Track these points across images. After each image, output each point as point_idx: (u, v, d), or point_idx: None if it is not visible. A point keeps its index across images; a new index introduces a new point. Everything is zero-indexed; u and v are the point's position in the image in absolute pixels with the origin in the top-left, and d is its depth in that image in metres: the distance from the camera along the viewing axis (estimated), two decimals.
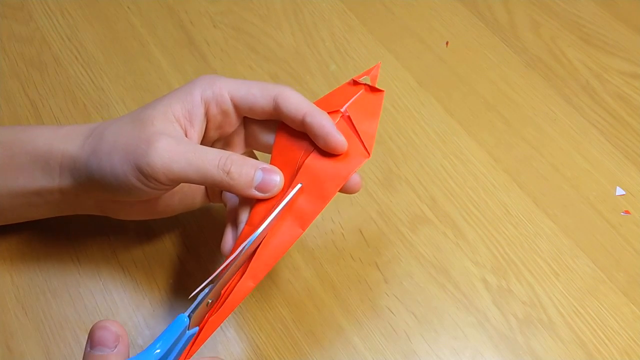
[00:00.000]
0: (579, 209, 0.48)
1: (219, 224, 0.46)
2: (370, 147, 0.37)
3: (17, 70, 0.55)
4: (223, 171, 0.34)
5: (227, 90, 0.37)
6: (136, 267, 0.44)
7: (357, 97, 0.38)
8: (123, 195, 0.36)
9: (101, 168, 0.36)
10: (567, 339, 0.42)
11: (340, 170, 0.36)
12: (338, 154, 0.36)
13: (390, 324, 0.42)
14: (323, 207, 0.36)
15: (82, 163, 0.37)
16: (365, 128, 0.37)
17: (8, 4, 0.59)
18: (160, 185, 0.35)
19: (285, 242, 0.35)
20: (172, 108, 0.36)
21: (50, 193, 0.39)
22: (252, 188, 0.35)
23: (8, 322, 0.41)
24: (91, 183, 0.37)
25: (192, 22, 0.59)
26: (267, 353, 0.41)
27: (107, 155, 0.35)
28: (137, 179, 0.34)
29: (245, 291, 0.35)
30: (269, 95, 0.37)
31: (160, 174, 0.34)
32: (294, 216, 0.36)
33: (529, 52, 0.58)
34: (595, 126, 0.53)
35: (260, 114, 0.38)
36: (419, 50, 0.58)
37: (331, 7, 0.61)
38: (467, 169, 0.50)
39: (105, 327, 0.31)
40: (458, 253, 0.46)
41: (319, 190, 0.36)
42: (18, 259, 0.44)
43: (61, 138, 0.38)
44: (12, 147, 0.39)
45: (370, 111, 0.38)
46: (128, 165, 0.34)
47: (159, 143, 0.34)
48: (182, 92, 0.37)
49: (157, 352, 0.31)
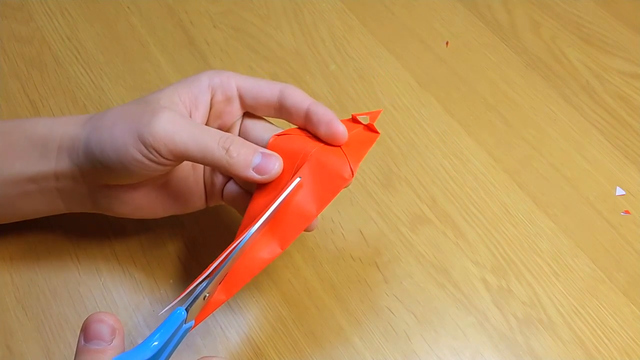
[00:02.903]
0: (579, 209, 0.48)
1: (219, 224, 0.46)
2: (354, 170, 0.36)
3: (17, 70, 0.55)
4: (223, 148, 0.35)
5: (235, 80, 0.38)
6: (136, 267, 0.44)
7: (354, 132, 0.38)
8: (120, 173, 0.36)
9: (101, 141, 0.36)
10: (567, 338, 0.42)
11: (326, 190, 0.36)
12: (338, 144, 0.37)
13: (390, 324, 0.42)
14: (304, 228, 0.36)
15: (81, 141, 0.37)
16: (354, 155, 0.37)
17: (8, 4, 0.59)
18: (161, 158, 0.35)
19: (264, 259, 0.35)
20: (179, 92, 0.37)
21: (45, 179, 0.38)
22: (250, 169, 0.35)
23: (8, 322, 0.41)
24: (88, 161, 0.37)
25: (192, 22, 0.59)
26: (267, 353, 0.41)
27: (108, 129, 0.36)
28: (137, 149, 0.34)
29: (216, 304, 0.35)
30: (275, 87, 0.38)
31: (162, 144, 0.34)
32: (276, 234, 0.36)
33: (529, 52, 0.58)
34: (595, 126, 0.53)
35: (263, 106, 0.38)
36: (419, 50, 0.58)
37: (331, 7, 0.61)
38: (467, 169, 0.50)
39: (101, 320, 0.30)
40: (458, 253, 0.46)
41: (300, 210, 0.36)
42: (18, 259, 0.44)
43: (62, 123, 0.39)
44: (12, 134, 0.39)
45: (362, 145, 0.38)
46: (130, 135, 0.34)
47: (164, 114, 0.35)
48: (189, 79, 0.38)
49: (154, 344, 0.30)
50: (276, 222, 0.36)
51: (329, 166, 0.36)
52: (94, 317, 0.30)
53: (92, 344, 0.30)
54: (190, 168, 0.40)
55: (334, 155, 0.36)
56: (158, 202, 0.40)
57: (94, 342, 0.30)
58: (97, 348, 0.29)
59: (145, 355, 0.30)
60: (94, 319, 0.30)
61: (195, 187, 0.41)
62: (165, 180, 0.39)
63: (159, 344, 0.31)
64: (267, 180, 0.36)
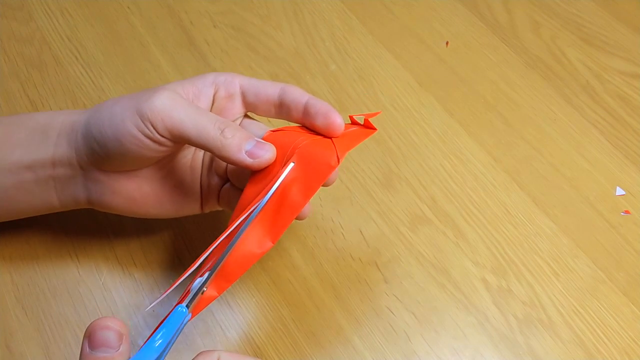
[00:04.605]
0: (579, 209, 0.48)
1: (219, 224, 0.46)
2: (341, 157, 0.36)
3: (17, 70, 0.55)
4: (219, 129, 0.35)
5: (239, 79, 0.39)
6: (136, 267, 0.44)
7: (350, 130, 0.38)
8: (116, 151, 0.36)
9: (100, 120, 0.36)
10: (567, 338, 0.42)
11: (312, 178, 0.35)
12: (334, 135, 0.37)
13: (390, 324, 0.42)
14: (293, 218, 0.35)
15: (81, 123, 0.38)
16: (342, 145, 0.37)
17: (8, 4, 0.59)
18: (156, 134, 0.35)
19: (255, 254, 0.35)
20: (183, 85, 0.38)
21: (42, 166, 0.39)
22: (242, 151, 0.35)
23: (8, 322, 0.41)
24: (85, 142, 0.37)
25: (192, 22, 0.59)
26: (267, 353, 0.41)
27: (108, 108, 0.37)
28: (134, 124, 0.35)
29: (208, 300, 0.35)
30: (277, 86, 0.39)
31: (159, 119, 0.35)
32: (265, 227, 0.35)
33: (529, 52, 0.58)
34: (595, 126, 0.53)
35: (264, 104, 0.39)
36: (419, 50, 0.58)
37: (331, 7, 0.61)
38: (467, 169, 0.50)
39: (107, 327, 0.29)
40: (458, 253, 0.46)
41: (288, 201, 0.35)
42: (18, 258, 0.44)
43: (64, 112, 0.40)
44: (13, 125, 0.40)
45: (354, 138, 0.38)
46: (129, 111, 0.35)
47: (165, 92, 0.36)
48: (195, 77, 0.39)
49: (158, 343, 0.30)
50: (264, 215, 0.35)
51: (316, 155, 0.36)
52: (100, 324, 0.29)
53: (100, 352, 0.29)
54: (188, 167, 0.40)
55: (322, 146, 0.36)
56: (151, 197, 0.40)
57: (101, 349, 0.29)
58: (105, 356, 0.29)
59: (151, 357, 0.30)
60: (100, 325, 0.29)
61: (191, 187, 0.41)
62: (161, 175, 0.39)
63: (162, 343, 0.30)
64: (258, 165, 0.36)
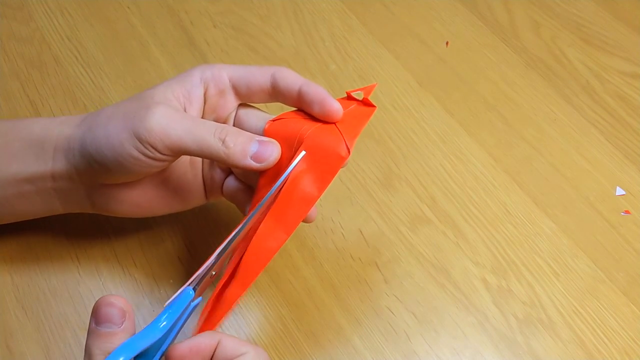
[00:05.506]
0: (579, 209, 0.48)
1: (219, 224, 0.46)
2: (351, 147, 0.36)
3: (17, 70, 0.55)
4: (219, 139, 0.35)
5: (226, 71, 0.38)
6: (136, 267, 0.44)
7: (350, 109, 0.38)
8: (117, 171, 0.36)
9: (96, 140, 0.36)
10: (567, 338, 0.42)
11: (324, 170, 0.36)
12: (333, 121, 0.36)
13: (390, 324, 0.42)
14: (308, 210, 0.35)
15: (76, 140, 0.37)
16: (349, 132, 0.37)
17: (8, 4, 0.59)
18: (157, 153, 0.35)
19: (271, 248, 0.35)
20: (172, 88, 0.37)
21: (42, 179, 0.38)
22: (248, 157, 0.35)
23: (8, 322, 0.41)
24: (84, 160, 0.37)
25: (192, 22, 0.59)
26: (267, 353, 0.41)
27: (103, 127, 0.36)
28: (133, 146, 0.34)
29: (234, 298, 0.35)
30: (267, 72, 0.38)
31: (158, 139, 0.34)
32: (279, 221, 0.35)
33: (529, 52, 0.58)
34: (595, 126, 0.53)
35: (257, 93, 0.38)
36: (419, 50, 0.58)
37: (331, 7, 0.61)
38: (467, 169, 0.50)
39: (111, 304, 0.30)
40: (458, 253, 0.46)
41: (301, 194, 0.35)
42: (18, 259, 0.44)
43: (58, 123, 0.39)
44: (8, 135, 0.39)
45: (358, 121, 0.37)
46: (125, 133, 0.34)
47: (158, 109, 0.35)
48: (181, 75, 0.38)
49: (163, 325, 0.31)
50: (278, 208, 0.35)
51: (325, 146, 0.36)
52: (104, 300, 0.30)
53: (104, 327, 0.30)
54: (187, 164, 0.40)
55: (329, 135, 0.36)
56: (156, 200, 0.40)
57: (104, 325, 0.30)
58: (108, 331, 0.30)
59: (154, 337, 0.31)
60: (104, 302, 0.30)
61: (194, 183, 0.41)
62: (162, 178, 0.39)
63: (167, 324, 0.31)
64: (265, 167, 0.36)
